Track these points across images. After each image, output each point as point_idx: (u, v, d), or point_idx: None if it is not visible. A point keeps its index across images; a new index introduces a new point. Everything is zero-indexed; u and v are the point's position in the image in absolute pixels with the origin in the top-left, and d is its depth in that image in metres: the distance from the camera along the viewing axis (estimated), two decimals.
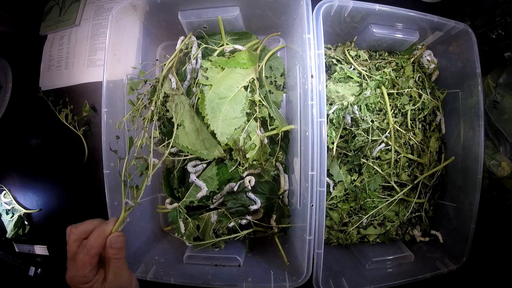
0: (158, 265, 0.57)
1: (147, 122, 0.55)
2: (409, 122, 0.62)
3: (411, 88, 0.63)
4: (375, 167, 0.61)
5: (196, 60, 0.58)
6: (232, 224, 0.57)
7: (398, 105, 0.62)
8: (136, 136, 0.58)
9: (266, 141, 0.57)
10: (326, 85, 0.61)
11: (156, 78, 0.59)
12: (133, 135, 0.59)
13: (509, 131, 0.63)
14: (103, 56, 0.56)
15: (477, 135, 0.58)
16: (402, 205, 0.64)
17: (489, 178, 0.64)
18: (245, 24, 0.62)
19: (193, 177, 0.56)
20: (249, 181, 0.56)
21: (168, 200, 0.60)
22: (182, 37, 0.60)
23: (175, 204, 0.58)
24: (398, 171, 0.62)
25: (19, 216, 0.84)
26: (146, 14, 0.59)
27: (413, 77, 0.64)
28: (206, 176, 0.57)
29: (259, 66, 0.59)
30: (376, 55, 0.66)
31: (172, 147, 0.57)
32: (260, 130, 0.56)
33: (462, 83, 0.62)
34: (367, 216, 0.62)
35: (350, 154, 0.62)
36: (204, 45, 0.59)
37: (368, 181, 0.62)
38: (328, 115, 0.59)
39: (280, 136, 0.57)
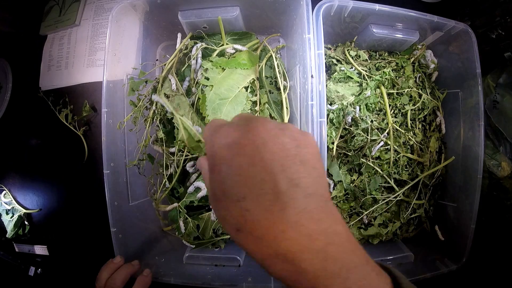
0: (158, 265, 0.57)
1: (149, 123, 0.55)
2: (409, 122, 0.62)
3: (411, 88, 0.63)
4: (374, 167, 0.61)
5: (196, 60, 0.58)
6: None
7: (398, 105, 0.62)
8: (137, 137, 0.58)
9: None
10: (326, 85, 0.61)
11: (156, 78, 0.59)
12: (134, 136, 0.59)
13: (509, 131, 0.62)
14: (103, 56, 0.56)
15: (477, 135, 0.58)
16: (402, 205, 0.64)
17: (489, 178, 0.64)
18: (245, 24, 0.62)
19: (192, 180, 0.56)
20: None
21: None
22: (179, 34, 0.60)
23: (175, 204, 0.58)
24: (398, 170, 0.62)
25: (19, 216, 0.84)
26: (146, 14, 0.59)
27: (413, 77, 0.64)
28: None
29: (259, 66, 0.59)
30: (376, 55, 0.66)
31: (172, 147, 0.57)
32: None
33: (462, 83, 0.62)
34: (367, 215, 0.62)
35: (350, 154, 0.62)
36: (204, 46, 0.59)
37: (368, 181, 0.62)
38: (328, 114, 0.59)
39: None
